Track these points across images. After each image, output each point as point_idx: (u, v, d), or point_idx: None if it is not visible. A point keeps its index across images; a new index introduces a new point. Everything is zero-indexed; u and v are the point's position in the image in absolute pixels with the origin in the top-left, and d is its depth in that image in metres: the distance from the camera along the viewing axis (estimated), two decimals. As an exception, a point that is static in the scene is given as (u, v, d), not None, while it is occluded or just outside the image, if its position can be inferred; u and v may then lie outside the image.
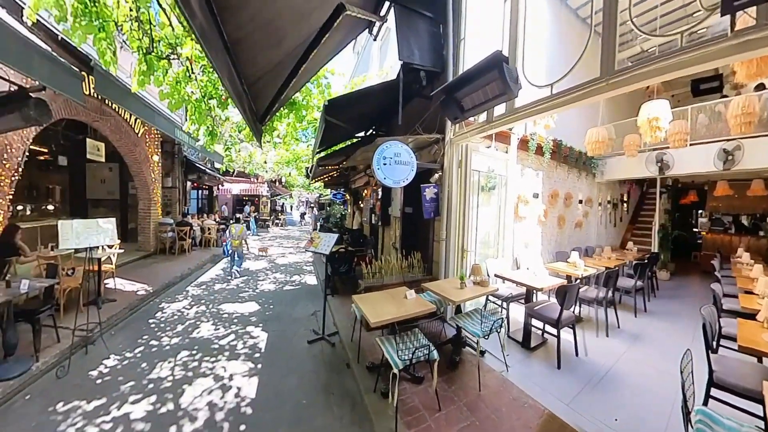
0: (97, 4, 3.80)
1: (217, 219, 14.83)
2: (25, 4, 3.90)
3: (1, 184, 5.14)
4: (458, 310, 4.34)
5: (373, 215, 7.83)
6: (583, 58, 2.99)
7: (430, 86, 5.04)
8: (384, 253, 6.34)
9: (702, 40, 2.08)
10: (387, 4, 4.43)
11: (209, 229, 12.70)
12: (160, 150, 9.89)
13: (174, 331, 5.13)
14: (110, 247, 6.88)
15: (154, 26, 4.19)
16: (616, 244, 11.23)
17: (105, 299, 5.85)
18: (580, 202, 8.86)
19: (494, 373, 3.70)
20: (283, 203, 35.03)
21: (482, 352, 3.89)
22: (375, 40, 5.31)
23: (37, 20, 4.10)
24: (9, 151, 5.19)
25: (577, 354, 4.21)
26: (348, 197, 12.92)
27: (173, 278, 7.86)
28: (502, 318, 3.69)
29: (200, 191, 18.14)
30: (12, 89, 4.44)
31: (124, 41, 5.64)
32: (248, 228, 18.53)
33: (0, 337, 3.84)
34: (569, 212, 8.28)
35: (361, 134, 6.78)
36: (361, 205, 10.18)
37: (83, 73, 5.23)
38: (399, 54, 4.40)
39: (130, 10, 4.08)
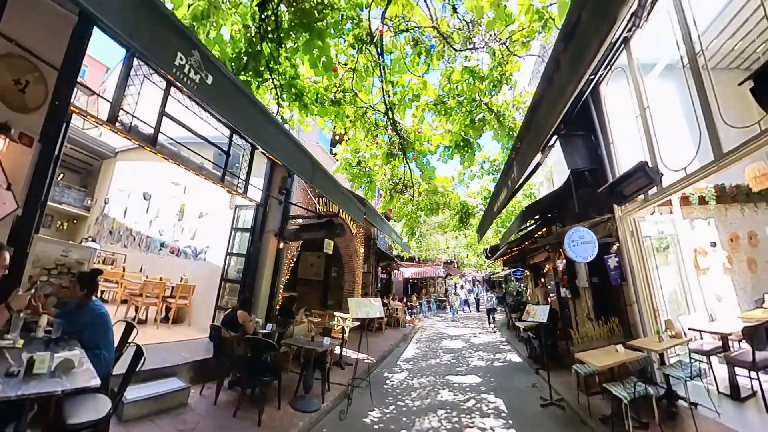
0: (369, 171, 6.53)
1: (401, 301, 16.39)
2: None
3: (285, 269, 7.67)
4: (662, 363, 4.94)
5: (560, 289, 8.55)
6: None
7: (594, 177, 6.30)
8: (579, 324, 7.01)
9: None
10: (554, 138, 6.00)
11: (396, 309, 13.97)
12: (363, 243, 12.99)
13: (411, 396, 5.98)
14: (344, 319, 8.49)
15: (399, 177, 6.88)
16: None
17: (345, 363, 7.14)
18: (771, 236, 7.67)
19: (709, 419, 4.18)
20: (455, 283, 33.53)
21: (694, 404, 4.41)
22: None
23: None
24: (290, 250, 7.94)
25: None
26: (527, 273, 13.47)
27: (383, 352, 9.37)
28: (700, 362, 4.37)
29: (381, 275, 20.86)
30: (309, 215, 7.54)
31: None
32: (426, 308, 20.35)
33: (303, 378, 4.99)
34: (759, 252, 7.23)
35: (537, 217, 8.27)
36: (543, 281, 11.00)
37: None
38: (567, 165, 5.96)
39: (385, 172, 6.84)
